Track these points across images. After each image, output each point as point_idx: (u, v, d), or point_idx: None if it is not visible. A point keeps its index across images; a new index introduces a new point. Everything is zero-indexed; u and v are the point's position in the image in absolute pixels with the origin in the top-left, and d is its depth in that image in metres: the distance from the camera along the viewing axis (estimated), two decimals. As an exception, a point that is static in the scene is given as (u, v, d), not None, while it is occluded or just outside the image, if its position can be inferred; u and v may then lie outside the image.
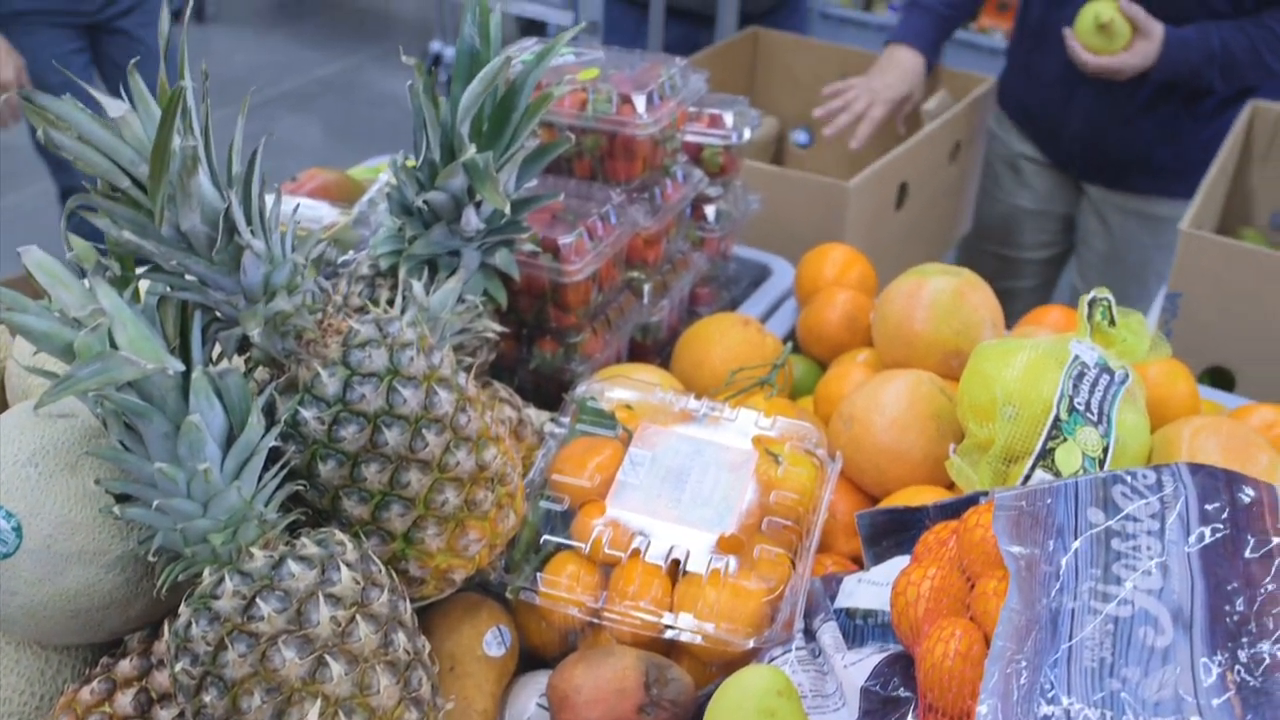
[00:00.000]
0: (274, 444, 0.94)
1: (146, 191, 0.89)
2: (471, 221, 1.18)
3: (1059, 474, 1.16)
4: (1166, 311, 1.89)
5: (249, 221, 0.95)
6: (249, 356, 1.01)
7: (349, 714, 0.87)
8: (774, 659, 1.08)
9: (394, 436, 0.96)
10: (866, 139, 2.39)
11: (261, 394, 0.97)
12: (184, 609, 0.89)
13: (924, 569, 1.00)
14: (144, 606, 1.01)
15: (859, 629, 1.11)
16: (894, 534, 1.17)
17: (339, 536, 0.94)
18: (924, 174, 2.33)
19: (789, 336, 1.71)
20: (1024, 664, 0.84)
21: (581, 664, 1.07)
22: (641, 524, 1.16)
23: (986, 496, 1.05)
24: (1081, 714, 0.81)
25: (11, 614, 0.97)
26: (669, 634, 1.10)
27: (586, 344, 1.45)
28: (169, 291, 0.94)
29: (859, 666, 1.02)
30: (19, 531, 0.94)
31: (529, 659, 1.19)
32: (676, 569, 1.13)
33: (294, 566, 0.89)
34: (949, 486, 1.28)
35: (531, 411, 1.32)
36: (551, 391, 1.46)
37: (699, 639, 1.09)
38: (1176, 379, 1.46)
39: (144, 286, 0.95)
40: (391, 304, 1.12)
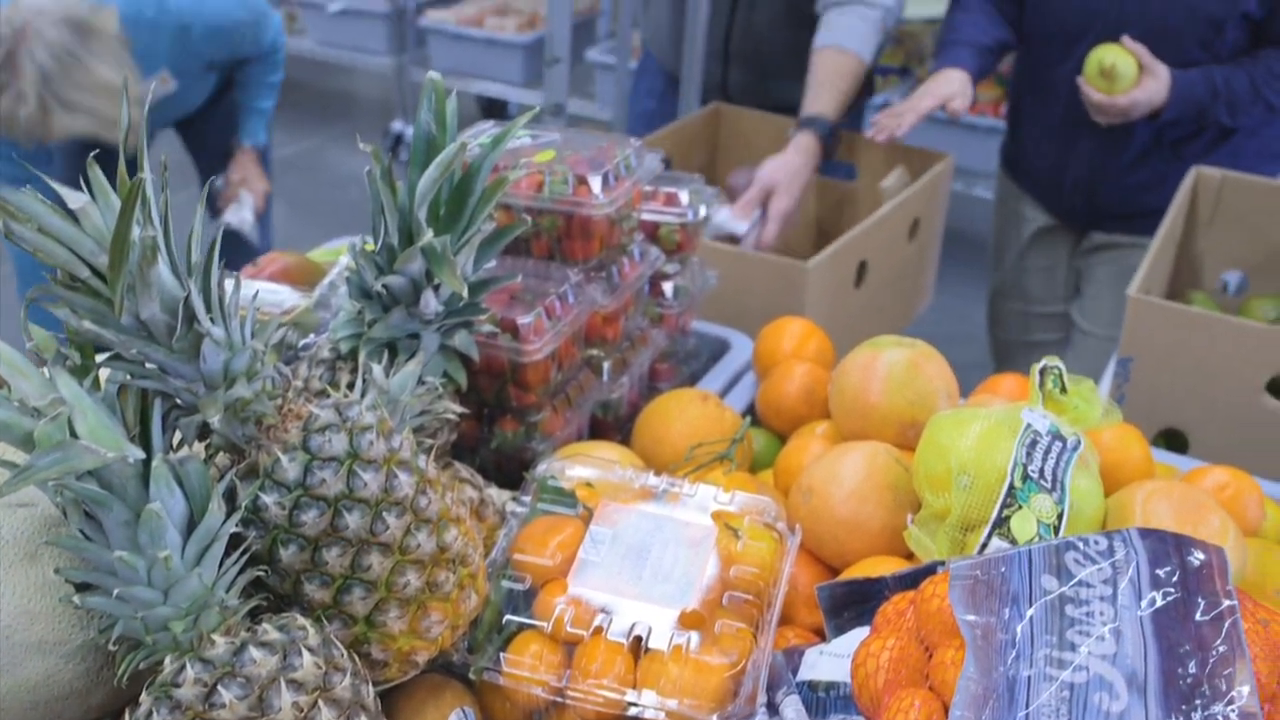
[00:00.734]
0: (235, 530, 0.94)
1: (106, 281, 0.90)
2: (430, 304, 1.20)
3: (1015, 541, 1.17)
4: (1119, 376, 1.92)
5: (208, 309, 0.96)
6: (209, 443, 1.02)
7: (311, 801, 0.87)
8: (738, 734, 1.08)
9: (355, 520, 0.96)
10: (910, 127, 2.43)
11: (222, 480, 0.97)
12: (145, 698, 0.88)
13: (883, 640, 1.01)
14: (104, 696, 1.00)
15: (822, 701, 1.11)
16: (854, 605, 1.18)
17: (300, 621, 0.94)
18: (883, 252, 2.37)
19: (749, 410, 1.73)
20: (982, 732, 0.85)
21: (546, 744, 1.06)
22: (603, 601, 1.16)
23: (943, 566, 1.07)
24: (1039, 781, 0.82)
25: (-31, 707, 0.96)
26: (632, 711, 1.10)
27: (547, 422, 1.46)
28: (129, 379, 0.95)
29: (822, 739, 1.03)
30: (-23, 624, 0.93)
31: (494, 740, 1.18)
32: (639, 646, 1.13)
33: (255, 653, 0.89)
34: (908, 556, 1.29)
35: (493, 491, 1.33)
36: (513, 470, 1.46)
37: (663, 716, 1.09)
38: (1130, 444, 1.48)
39: (104, 375, 0.96)
40: (352, 387, 1.13)
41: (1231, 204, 2.33)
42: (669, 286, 1.74)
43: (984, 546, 1.18)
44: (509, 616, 1.17)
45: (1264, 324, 2.06)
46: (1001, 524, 1.18)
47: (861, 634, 1.09)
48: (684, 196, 1.73)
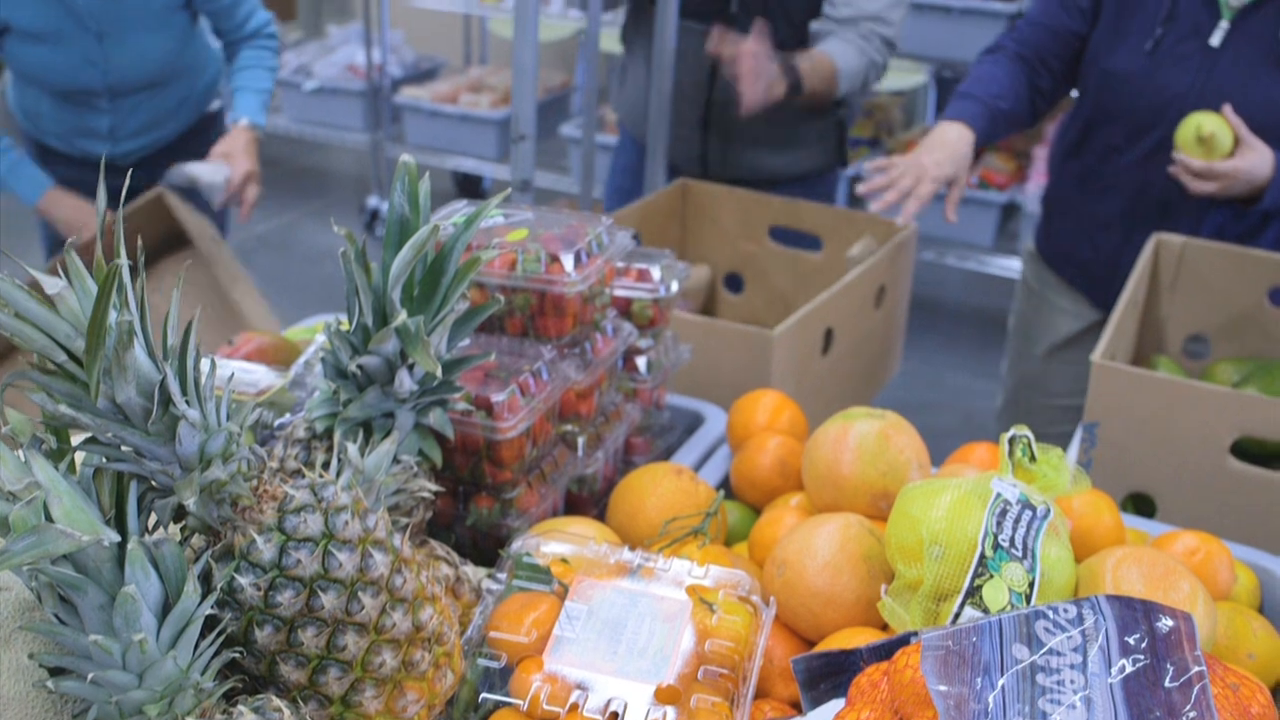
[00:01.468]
0: (210, 611, 0.95)
1: (83, 365, 0.91)
2: (405, 384, 1.21)
3: (988, 610, 1.18)
4: (1085, 441, 1.94)
5: (184, 391, 0.96)
6: (185, 524, 1.02)
7: None
8: (716, 809, 1.08)
9: (330, 600, 0.97)
10: (913, 216, 2.40)
11: (197, 561, 0.98)
12: (119, 783, 0.88)
13: (858, 712, 1.01)
14: (78, 782, 0.99)
15: (799, 775, 1.11)
16: (830, 677, 1.19)
17: (276, 703, 0.94)
18: (849, 319, 2.39)
19: (723, 483, 1.74)
20: (956, 803, 0.85)
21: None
22: (579, 678, 1.16)
23: (917, 636, 1.08)
24: None
25: (-60, 796, 0.95)
26: (610, 787, 1.10)
27: (522, 499, 1.47)
28: (105, 462, 0.95)
29: (799, 813, 1.03)
30: (-50, 711, 0.93)
31: (471, 820, 1.18)
32: (616, 721, 1.14)
33: (230, 736, 0.89)
34: (883, 627, 1.30)
35: (469, 568, 1.33)
36: (489, 547, 1.47)
37: (640, 791, 1.09)
38: (1101, 510, 1.50)
39: (80, 457, 0.96)
40: (327, 466, 1.13)
41: (1194, 269, 2.37)
42: (642, 361, 1.75)
43: (957, 616, 1.19)
44: (485, 694, 1.17)
45: (1227, 387, 2.09)
46: (974, 593, 1.19)
47: (837, 706, 1.10)
48: (656, 272, 1.75)
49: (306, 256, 5.89)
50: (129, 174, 1.16)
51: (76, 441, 0.96)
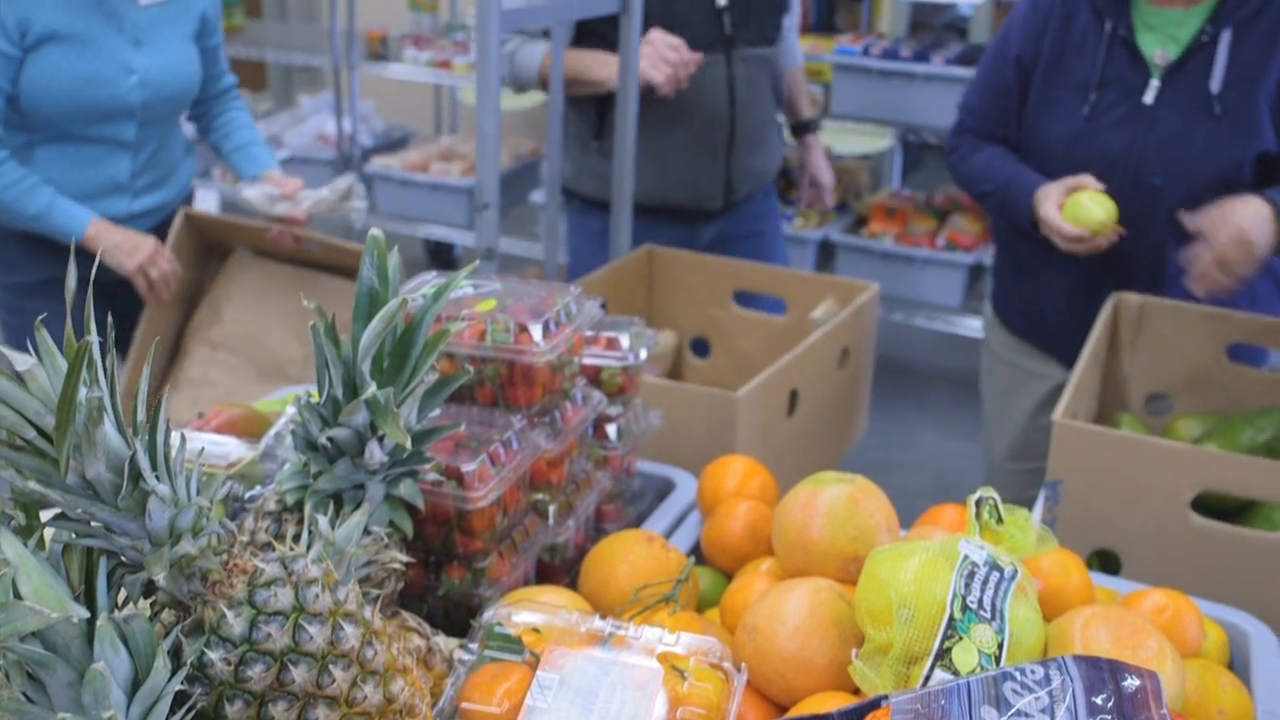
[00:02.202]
0: (180, 687, 0.94)
1: (52, 442, 0.91)
2: (375, 455, 1.22)
3: (958, 672, 1.19)
4: (1049, 500, 1.96)
5: (154, 466, 0.97)
6: (154, 600, 1.02)
7: None
8: None
9: (300, 674, 0.97)
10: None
11: (167, 637, 0.97)
12: None
13: (830, 776, 1.01)
14: None
15: (773, 842, 1.11)
16: (802, 742, 1.19)
17: (246, 779, 0.94)
18: (814, 381, 2.41)
19: (694, 549, 1.74)
20: None
21: None
22: (552, 747, 1.16)
23: (887, 700, 1.08)
24: None
25: None
26: None
27: (493, 568, 1.47)
28: (74, 538, 0.95)
29: None
30: (-85, 794, 0.92)
31: None
32: (589, 791, 1.13)
33: (200, 813, 0.88)
34: (855, 692, 1.30)
35: (440, 639, 1.33)
36: (461, 616, 1.47)
37: None
38: (1069, 570, 1.51)
39: (49, 534, 0.96)
40: (298, 539, 1.14)
41: (1153, 327, 2.40)
42: (612, 429, 1.76)
43: (927, 679, 1.19)
44: (458, 766, 1.16)
45: (1187, 443, 2.12)
46: (943, 655, 1.20)
47: (809, 771, 1.10)
48: (625, 340, 1.76)
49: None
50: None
51: (46, 518, 0.96)
